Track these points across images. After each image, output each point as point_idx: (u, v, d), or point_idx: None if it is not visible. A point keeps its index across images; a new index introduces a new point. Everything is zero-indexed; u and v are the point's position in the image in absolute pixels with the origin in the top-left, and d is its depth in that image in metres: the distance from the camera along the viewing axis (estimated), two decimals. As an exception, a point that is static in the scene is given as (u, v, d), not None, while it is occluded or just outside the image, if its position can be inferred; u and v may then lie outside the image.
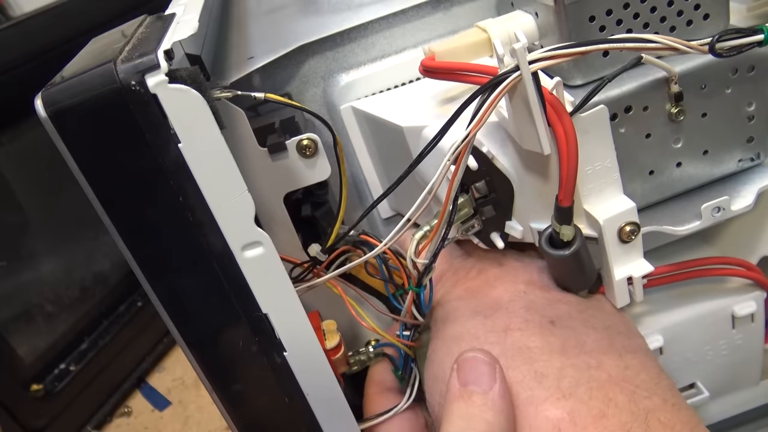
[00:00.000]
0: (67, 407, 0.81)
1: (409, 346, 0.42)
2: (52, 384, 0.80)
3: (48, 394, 0.79)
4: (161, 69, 0.29)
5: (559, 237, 0.36)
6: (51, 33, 0.76)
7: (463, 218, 0.40)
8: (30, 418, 0.76)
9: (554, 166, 0.36)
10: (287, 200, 0.43)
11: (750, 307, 0.45)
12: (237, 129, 0.39)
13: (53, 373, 0.81)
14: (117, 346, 0.89)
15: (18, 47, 0.74)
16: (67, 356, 0.83)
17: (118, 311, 0.91)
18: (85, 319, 0.87)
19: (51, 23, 0.78)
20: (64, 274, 0.86)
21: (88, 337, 0.87)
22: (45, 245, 0.84)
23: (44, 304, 0.83)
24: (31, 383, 0.78)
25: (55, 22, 0.78)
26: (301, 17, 0.51)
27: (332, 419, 0.38)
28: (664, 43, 0.33)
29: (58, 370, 0.82)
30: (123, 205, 0.31)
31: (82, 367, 0.83)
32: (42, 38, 0.75)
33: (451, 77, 0.38)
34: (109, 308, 0.90)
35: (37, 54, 0.74)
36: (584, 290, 0.40)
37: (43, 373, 0.80)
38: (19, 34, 0.75)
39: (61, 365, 0.82)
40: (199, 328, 0.35)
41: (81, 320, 0.87)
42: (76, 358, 0.84)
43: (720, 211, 0.40)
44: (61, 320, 0.84)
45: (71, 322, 0.85)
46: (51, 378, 0.80)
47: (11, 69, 0.72)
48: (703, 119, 0.39)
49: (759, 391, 0.50)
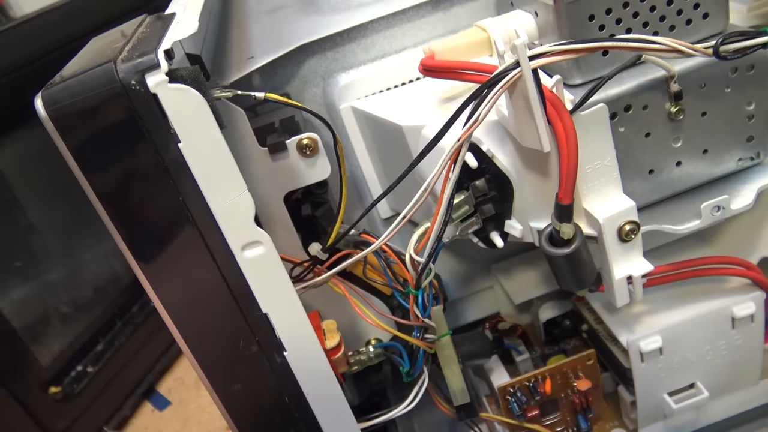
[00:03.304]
0: (87, 409, 0.81)
1: (429, 346, 0.42)
2: (71, 386, 0.80)
3: (67, 396, 0.78)
4: (161, 68, 0.29)
5: (559, 235, 0.36)
6: (53, 34, 0.76)
7: (463, 216, 0.40)
8: (51, 420, 0.75)
9: (554, 164, 0.36)
10: (287, 200, 0.43)
11: (749, 308, 0.45)
12: (237, 129, 0.39)
13: (70, 375, 0.81)
14: (133, 347, 0.88)
15: (20, 48, 0.74)
16: (83, 358, 0.83)
17: (131, 311, 0.91)
18: (100, 320, 0.87)
19: (52, 24, 0.78)
20: (77, 274, 0.86)
21: (103, 338, 0.86)
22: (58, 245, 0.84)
23: (59, 306, 0.82)
24: (49, 386, 0.77)
25: (57, 23, 0.78)
26: (301, 17, 0.51)
27: (332, 419, 0.38)
28: (669, 45, 0.34)
29: (75, 372, 0.81)
30: (123, 204, 0.31)
31: (99, 368, 0.83)
32: (45, 39, 0.75)
33: (450, 76, 0.38)
34: (122, 308, 0.90)
35: (38, 55, 0.74)
36: (584, 289, 0.40)
37: (60, 375, 0.80)
38: (22, 35, 0.75)
39: (78, 367, 0.82)
40: (199, 328, 0.34)
41: (96, 321, 0.86)
42: (92, 359, 0.83)
43: (720, 210, 0.40)
44: (77, 321, 0.84)
45: (86, 323, 0.85)
46: (69, 380, 0.80)
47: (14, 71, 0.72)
48: (702, 118, 0.40)
49: (759, 390, 0.50)
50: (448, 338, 0.44)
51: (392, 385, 0.53)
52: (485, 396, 0.56)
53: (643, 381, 0.47)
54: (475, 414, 0.48)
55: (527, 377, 0.50)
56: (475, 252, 0.51)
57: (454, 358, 0.45)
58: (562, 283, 0.40)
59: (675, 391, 0.48)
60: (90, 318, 0.86)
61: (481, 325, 0.59)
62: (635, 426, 0.50)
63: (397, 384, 0.50)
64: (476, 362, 0.53)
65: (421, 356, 0.43)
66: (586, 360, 0.50)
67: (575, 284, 0.40)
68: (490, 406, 0.55)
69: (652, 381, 0.47)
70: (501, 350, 0.55)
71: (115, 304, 0.89)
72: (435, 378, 0.47)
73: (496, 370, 0.54)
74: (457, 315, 0.59)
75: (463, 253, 0.56)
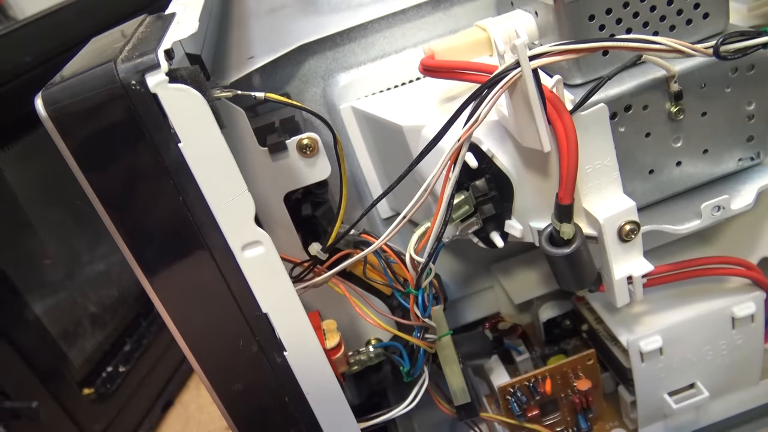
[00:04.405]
0: (122, 409, 0.81)
1: (429, 346, 0.42)
2: (104, 386, 0.79)
3: (100, 396, 0.78)
4: (161, 68, 0.29)
5: (559, 235, 0.37)
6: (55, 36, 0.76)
7: (463, 216, 0.40)
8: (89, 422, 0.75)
9: (554, 163, 0.36)
10: (287, 200, 0.43)
11: (750, 308, 0.45)
12: (237, 129, 0.39)
13: (102, 375, 0.80)
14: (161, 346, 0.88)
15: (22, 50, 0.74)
16: (113, 358, 0.83)
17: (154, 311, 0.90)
18: (126, 320, 0.87)
19: (54, 26, 0.78)
20: (104, 274, 0.86)
21: (130, 338, 0.86)
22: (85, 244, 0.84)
23: (88, 305, 0.82)
24: (83, 387, 0.77)
25: (58, 25, 0.78)
26: (301, 17, 0.51)
27: (332, 419, 0.38)
28: (669, 45, 0.34)
29: (106, 372, 0.81)
30: (123, 204, 0.31)
31: (130, 367, 0.83)
32: (47, 41, 0.75)
33: (450, 76, 0.38)
34: (146, 308, 0.90)
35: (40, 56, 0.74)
36: (584, 289, 0.40)
37: (92, 376, 0.79)
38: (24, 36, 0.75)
39: (108, 368, 0.82)
40: (199, 328, 0.34)
41: (122, 321, 0.86)
42: (123, 359, 0.83)
43: (720, 210, 0.40)
44: (105, 321, 0.84)
45: (114, 323, 0.85)
46: (101, 381, 0.80)
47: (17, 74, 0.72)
48: (702, 118, 0.40)
49: (759, 390, 0.50)
50: (448, 338, 0.44)
51: (392, 385, 0.53)
52: (485, 396, 0.56)
53: (643, 381, 0.47)
54: (475, 414, 0.48)
55: (527, 377, 0.50)
56: (475, 252, 0.51)
57: (454, 358, 0.45)
58: (562, 283, 0.40)
59: (675, 391, 0.48)
60: (118, 317, 0.86)
61: (481, 325, 0.59)
62: (635, 426, 0.50)
63: (397, 384, 0.50)
64: (476, 362, 0.53)
65: (421, 356, 0.43)
66: (586, 360, 0.50)
67: (575, 284, 0.40)
68: (490, 406, 0.55)
69: (652, 381, 0.47)
70: (501, 350, 0.55)
71: (139, 304, 0.89)
72: (435, 378, 0.47)
73: (496, 370, 0.54)
74: (457, 315, 0.59)
75: (463, 253, 0.56)
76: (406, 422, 0.56)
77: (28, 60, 0.73)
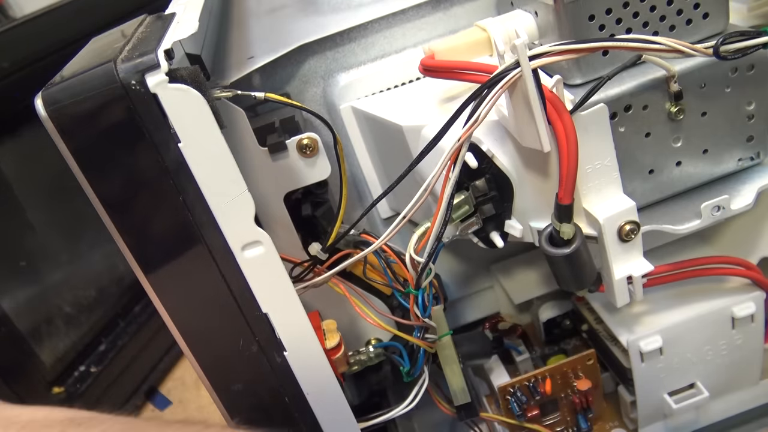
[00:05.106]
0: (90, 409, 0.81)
1: (429, 346, 0.42)
2: (74, 386, 0.79)
3: (70, 396, 0.78)
4: (161, 68, 0.29)
5: (559, 235, 0.37)
6: (54, 35, 0.76)
7: (463, 216, 0.40)
8: None
9: (554, 163, 0.36)
10: (287, 200, 0.43)
11: (749, 308, 0.45)
12: (237, 129, 0.39)
13: (73, 375, 0.80)
14: (136, 347, 0.88)
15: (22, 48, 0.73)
16: (86, 358, 0.83)
17: (133, 312, 0.90)
18: (103, 320, 0.87)
19: (54, 25, 0.78)
20: (81, 274, 0.86)
21: (106, 338, 0.86)
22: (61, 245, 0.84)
23: (63, 306, 0.82)
24: (53, 386, 0.77)
25: (58, 23, 0.78)
26: (301, 17, 0.51)
27: (332, 419, 0.38)
28: (669, 45, 0.34)
29: (78, 372, 0.81)
30: (122, 204, 0.31)
31: (103, 368, 0.83)
32: (47, 39, 0.75)
33: (450, 76, 0.38)
34: (125, 308, 0.90)
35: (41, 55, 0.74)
36: (584, 289, 0.40)
37: (64, 375, 0.79)
38: (24, 35, 0.75)
39: (80, 367, 0.82)
40: (199, 328, 0.34)
41: (99, 321, 0.86)
42: (95, 360, 0.83)
43: (720, 210, 0.40)
44: (80, 321, 0.84)
45: (90, 324, 0.85)
46: (72, 380, 0.80)
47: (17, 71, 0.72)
48: (702, 118, 0.39)
49: (759, 390, 0.50)
50: (448, 338, 0.44)
51: (392, 385, 0.53)
52: (485, 396, 0.56)
53: (643, 381, 0.47)
54: (475, 414, 0.48)
55: (527, 377, 0.50)
56: (475, 252, 0.51)
57: (454, 358, 0.45)
58: (562, 283, 0.40)
59: (675, 391, 0.48)
60: (93, 318, 0.86)
61: (481, 325, 0.59)
62: (635, 426, 0.50)
63: (397, 384, 0.50)
64: (476, 362, 0.53)
65: (421, 356, 0.43)
66: (586, 360, 0.50)
67: (575, 284, 0.40)
68: (490, 406, 0.55)
69: (652, 381, 0.47)
70: (501, 350, 0.55)
71: (118, 304, 0.89)
72: (435, 378, 0.47)
73: (496, 370, 0.54)
74: (457, 315, 0.59)
75: (463, 253, 0.56)
76: (406, 422, 0.56)
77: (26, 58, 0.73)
